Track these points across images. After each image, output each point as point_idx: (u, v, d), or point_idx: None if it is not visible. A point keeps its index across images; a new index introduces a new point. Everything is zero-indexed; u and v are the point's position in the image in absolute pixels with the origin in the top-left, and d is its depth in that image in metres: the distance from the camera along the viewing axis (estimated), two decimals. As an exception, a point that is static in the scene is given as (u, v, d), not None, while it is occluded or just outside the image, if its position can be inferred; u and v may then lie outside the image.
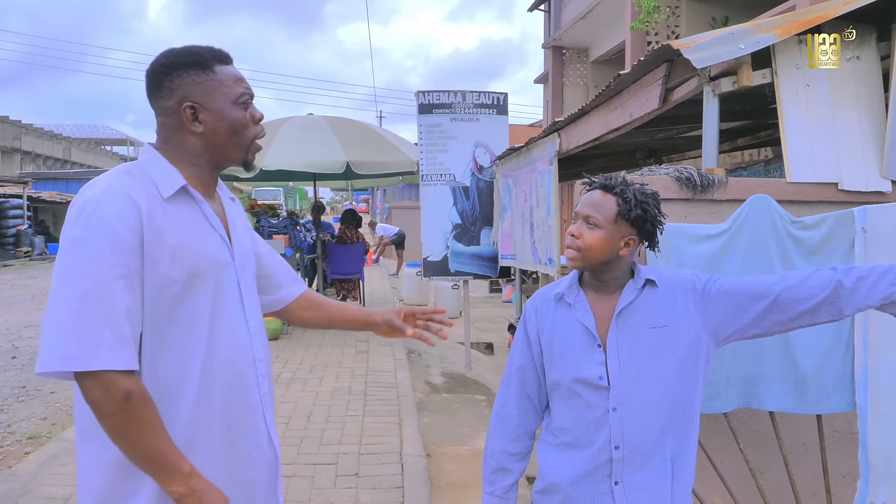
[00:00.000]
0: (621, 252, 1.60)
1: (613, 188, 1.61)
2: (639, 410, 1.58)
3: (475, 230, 6.70)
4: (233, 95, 1.34)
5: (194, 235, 1.29)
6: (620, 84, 3.33)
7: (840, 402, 2.26)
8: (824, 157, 2.55)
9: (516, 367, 1.75)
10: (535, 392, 1.73)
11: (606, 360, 1.59)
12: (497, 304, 12.73)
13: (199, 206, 1.33)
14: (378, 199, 22.02)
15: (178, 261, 1.24)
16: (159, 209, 1.25)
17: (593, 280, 1.67)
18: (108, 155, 45.19)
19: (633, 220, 1.59)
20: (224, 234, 1.37)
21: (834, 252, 2.24)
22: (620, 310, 1.60)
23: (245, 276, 1.40)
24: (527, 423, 1.75)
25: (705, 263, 2.26)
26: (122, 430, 1.18)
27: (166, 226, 1.24)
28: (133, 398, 1.17)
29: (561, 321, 1.66)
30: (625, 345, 1.60)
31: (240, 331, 1.36)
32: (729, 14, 10.15)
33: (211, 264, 1.30)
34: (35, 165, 32.46)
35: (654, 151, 6.36)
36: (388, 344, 6.59)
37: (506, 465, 1.74)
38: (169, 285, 1.23)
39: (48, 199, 21.16)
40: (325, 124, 7.46)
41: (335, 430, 4.05)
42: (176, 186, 1.29)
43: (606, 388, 1.58)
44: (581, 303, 1.65)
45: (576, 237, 1.62)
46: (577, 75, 15.90)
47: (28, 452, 4.10)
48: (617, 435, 1.58)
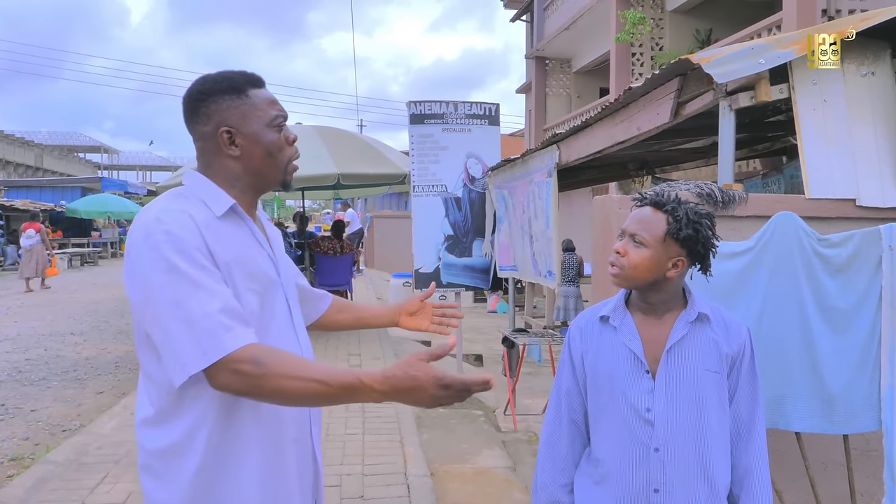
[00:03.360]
0: (668, 273, 1.54)
1: (665, 205, 1.55)
2: (682, 455, 1.53)
3: (467, 241, 6.64)
4: (267, 118, 1.37)
5: (248, 252, 1.33)
6: (629, 97, 3.30)
7: (868, 422, 2.23)
8: (842, 173, 2.54)
9: (564, 391, 1.68)
10: (582, 419, 1.67)
11: (654, 391, 1.54)
12: (482, 315, 12.67)
13: (248, 224, 1.37)
14: (359, 208, 21.85)
15: (233, 275, 1.27)
16: (215, 225, 1.28)
17: (641, 301, 1.61)
18: (81, 162, 44.34)
19: (683, 240, 1.52)
20: (271, 253, 1.41)
21: (861, 270, 2.21)
22: (671, 345, 1.55)
23: (291, 292, 1.45)
24: (576, 452, 1.68)
25: (732, 281, 2.22)
26: (278, 391, 1.15)
27: (225, 241, 1.28)
28: (260, 360, 1.15)
29: (607, 345, 1.60)
30: (674, 384, 1.54)
31: (291, 345, 1.39)
32: (713, 27, 10.27)
33: (264, 280, 1.34)
34: (6, 173, 31.73)
35: (646, 163, 6.37)
36: (380, 357, 6.49)
37: (559, 498, 1.67)
38: (236, 294, 1.26)
39: (21, 208, 20.67)
40: (316, 135, 7.34)
41: (336, 450, 3.94)
42: (227, 205, 1.32)
43: (651, 423, 1.53)
44: (628, 326, 1.59)
45: (620, 255, 1.56)
46: (559, 85, 16.00)
47: (11, 476, 3.93)
48: (657, 478, 1.52)
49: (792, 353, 2.22)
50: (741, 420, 1.61)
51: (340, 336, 7.68)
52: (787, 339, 2.22)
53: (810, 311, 2.22)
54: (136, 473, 3.59)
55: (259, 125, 1.36)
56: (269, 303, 1.34)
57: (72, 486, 3.51)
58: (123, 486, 3.51)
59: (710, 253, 1.59)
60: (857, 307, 2.22)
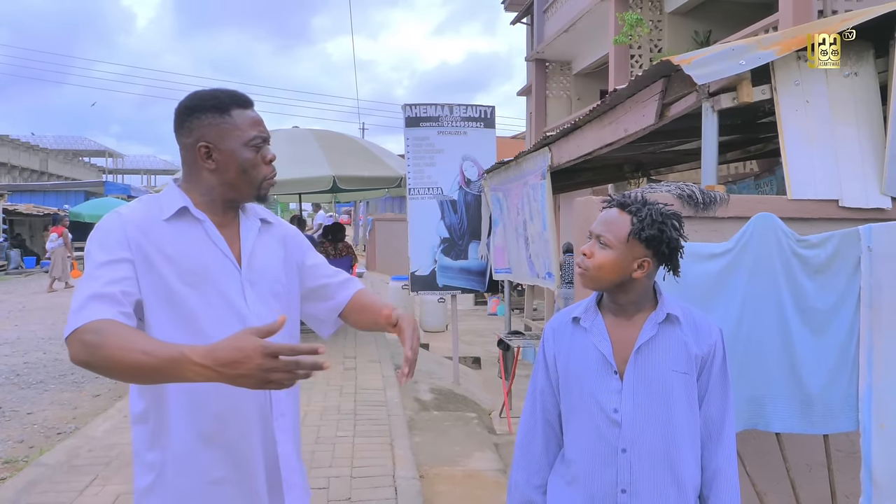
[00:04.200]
0: (635, 274, 1.54)
1: (628, 206, 1.56)
2: (649, 456, 1.53)
3: (463, 244, 6.65)
4: (245, 138, 1.47)
5: (191, 249, 1.44)
6: (615, 99, 3.31)
7: (846, 422, 2.23)
8: (824, 174, 2.54)
9: (539, 392, 1.69)
10: (557, 419, 1.67)
11: (622, 392, 1.54)
12: (482, 317, 12.69)
13: (203, 225, 1.47)
14: (361, 211, 21.90)
15: (159, 265, 1.40)
16: (156, 226, 1.43)
17: (611, 303, 1.61)
18: (86, 167, 44.58)
19: (647, 240, 1.52)
20: (227, 251, 1.49)
21: (840, 271, 2.21)
22: (639, 346, 1.55)
23: (257, 290, 1.51)
24: (550, 453, 1.68)
25: (710, 283, 2.22)
26: (111, 369, 1.23)
27: (164, 239, 1.42)
28: (96, 334, 1.24)
29: (577, 346, 1.60)
30: (642, 385, 1.54)
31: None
32: (712, 28, 10.25)
33: (203, 273, 1.44)
34: (11, 177, 31.90)
35: (642, 165, 6.36)
36: (376, 360, 6.49)
37: (532, 499, 1.68)
38: (164, 284, 1.40)
39: (24, 212, 20.77)
40: (312, 138, 7.35)
41: (326, 453, 3.94)
42: (175, 208, 1.45)
43: (618, 424, 1.53)
44: (598, 327, 1.59)
45: (587, 256, 1.56)
46: (560, 88, 15.99)
47: (4, 478, 3.94)
48: (625, 478, 1.53)
49: (771, 354, 2.22)
50: (711, 421, 1.60)
51: (336, 337, 7.68)
52: (767, 340, 2.22)
53: (789, 312, 2.22)
54: (125, 475, 3.61)
55: (236, 143, 1.46)
56: (210, 294, 1.44)
57: (61, 489, 3.53)
58: (112, 488, 3.52)
59: (677, 253, 1.59)
60: (836, 308, 2.22)
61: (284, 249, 1.64)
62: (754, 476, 2.35)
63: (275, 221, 1.67)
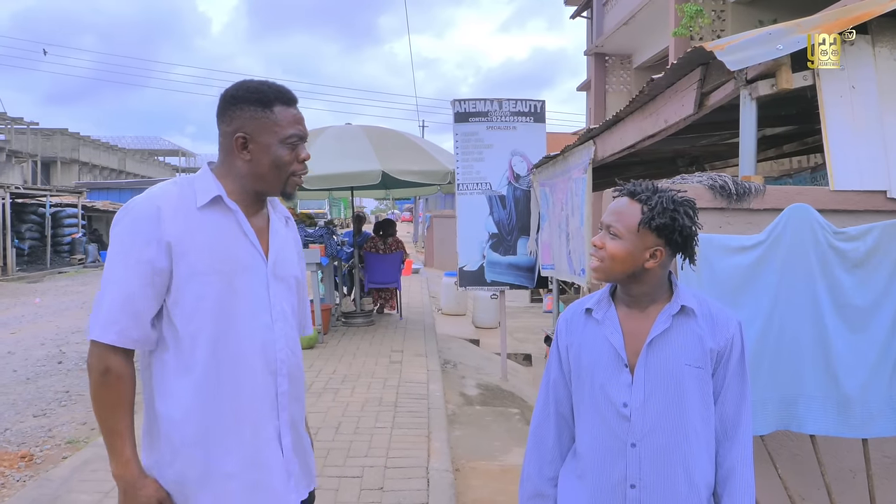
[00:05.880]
0: (647, 264, 1.49)
1: (638, 194, 1.51)
2: (660, 452, 1.49)
3: (512, 240, 6.59)
4: (283, 135, 1.50)
5: (223, 239, 1.48)
6: (654, 89, 3.22)
7: (886, 426, 2.10)
8: (871, 164, 2.39)
9: (552, 384, 1.66)
10: (569, 411, 1.64)
11: (632, 385, 1.50)
12: (537, 315, 12.56)
13: (235, 215, 1.51)
14: (420, 209, 22.07)
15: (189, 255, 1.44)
16: (190, 214, 1.46)
17: (624, 294, 1.57)
18: (160, 165, 46.70)
19: (658, 229, 1.47)
20: (256, 243, 1.52)
21: (880, 265, 2.09)
22: (652, 339, 1.50)
23: (279, 284, 1.56)
24: (563, 445, 1.66)
25: (740, 276, 2.14)
26: (94, 397, 1.44)
27: (197, 228, 1.45)
28: (110, 374, 1.42)
29: (589, 337, 1.57)
30: (653, 379, 1.50)
31: (262, 324, 1.51)
32: (777, 17, 9.82)
33: (234, 264, 1.48)
34: (92, 176, 33.72)
35: (697, 159, 6.16)
36: (423, 354, 6.53)
37: (543, 490, 1.66)
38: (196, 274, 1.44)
39: (101, 209, 21.88)
40: (362, 134, 7.46)
41: (363, 443, 3.99)
42: (209, 196, 1.49)
43: (628, 418, 1.49)
44: (610, 319, 1.55)
45: (598, 247, 1.53)
46: (620, 82, 15.66)
47: (66, 457, 4.17)
48: (634, 473, 1.49)
49: (805, 351, 2.12)
50: (727, 418, 1.54)
51: (386, 332, 7.77)
52: (800, 337, 2.11)
53: (825, 308, 2.11)
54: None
55: (273, 139, 1.49)
56: (239, 284, 1.48)
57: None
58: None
59: (692, 241, 1.53)
60: (876, 304, 2.10)
61: (296, 247, 1.71)
62: (788, 480, 2.25)
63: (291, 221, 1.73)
